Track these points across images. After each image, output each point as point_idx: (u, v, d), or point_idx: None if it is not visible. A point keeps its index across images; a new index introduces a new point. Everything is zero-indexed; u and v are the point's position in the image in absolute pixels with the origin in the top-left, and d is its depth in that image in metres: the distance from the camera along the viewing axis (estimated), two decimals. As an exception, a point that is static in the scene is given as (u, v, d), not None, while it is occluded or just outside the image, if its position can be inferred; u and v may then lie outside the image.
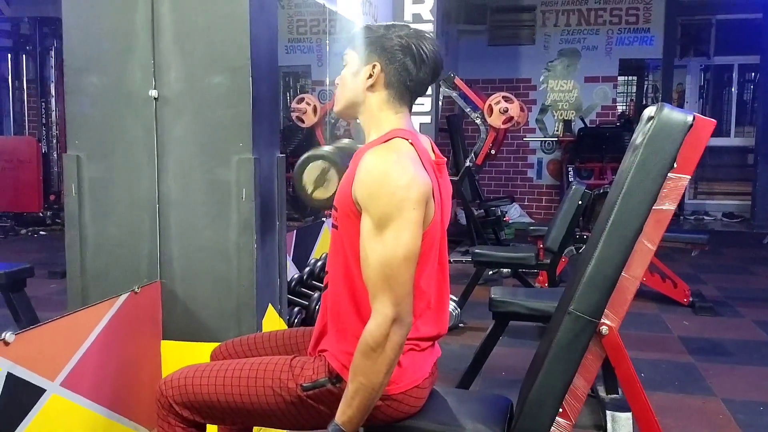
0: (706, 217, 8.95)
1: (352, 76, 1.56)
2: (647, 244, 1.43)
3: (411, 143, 1.46)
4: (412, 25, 1.58)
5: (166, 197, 2.34)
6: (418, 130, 1.62)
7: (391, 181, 1.36)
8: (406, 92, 1.54)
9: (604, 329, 1.46)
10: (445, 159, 1.61)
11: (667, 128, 1.39)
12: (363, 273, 1.41)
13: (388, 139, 1.48)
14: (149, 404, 2.17)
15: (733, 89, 9.36)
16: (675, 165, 1.40)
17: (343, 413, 1.39)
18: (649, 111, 1.47)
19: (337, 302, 1.52)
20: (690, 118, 1.39)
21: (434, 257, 1.50)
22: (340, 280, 1.51)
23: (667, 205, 1.43)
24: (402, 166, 1.39)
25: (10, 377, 1.68)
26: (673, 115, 1.40)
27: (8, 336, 1.66)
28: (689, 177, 1.43)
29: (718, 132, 9.05)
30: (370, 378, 1.36)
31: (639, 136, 1.46)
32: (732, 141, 9.27)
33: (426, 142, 1.59)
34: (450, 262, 5.89)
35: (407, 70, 1.51)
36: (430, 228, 1.44)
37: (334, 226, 1.53)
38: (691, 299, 4.61)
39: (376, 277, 1.36)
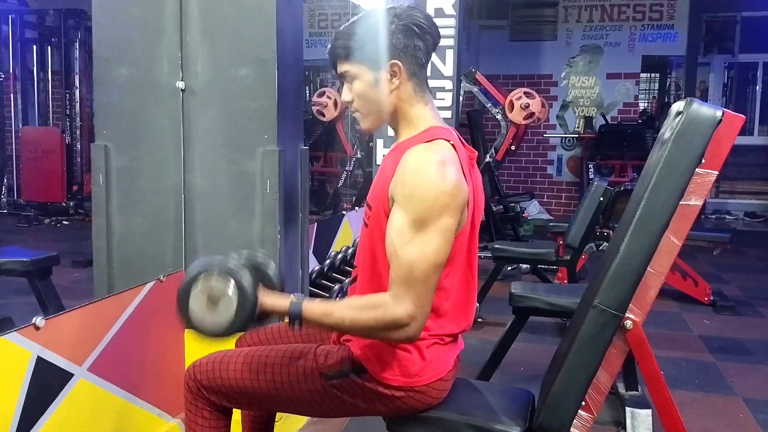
0: (728, 217, 8.86)
1: (371, 87, 1.49)
2: (673, 239, 1.43)
3: (452, 144, 1.46)
4: (388, 6, 1.52)
5: (192, 188, 2.37)
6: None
7: (434, 185, 1.36)
8: (423, 71, 1.52)
9: (628, 323, 1.46)
10: (476, 152, 1.60)
11: (696, 123, 1.39)
12: (389, 259, 1.41)
13: (430, 138, 1.46)
14: (173, 391, 2.21)
15: (757, 87, 9.23)
16: (703, 160, 1.40)
17: (314, 308, 1.43)
18: (678, 106, 1.47)
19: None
20: (719, 113, 1.38)
21: (461, 259, 1.49)
22: (368, 276, 1.52)
23: (693, 201, 1.42)
24: (446, 171, 1.38)
25: (41, 361, 1.72)
26: (702, 110, 1.39)
27: (39, 321, 1.70)
28: (717, 172, 1.42)
29: (741, 130, 8.89)
30: (354, 323, 1.40)
31: (667, 131, 1.45)
32: (756, 140, 9.15)
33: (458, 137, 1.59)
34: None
35: (419, 51, 1.49)
36: (461, 233, 1.44)
37: (365, 224, 1.53)
38: (712, 298, 4.58)
39: (403, 273, 1.36)
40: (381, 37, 1.48)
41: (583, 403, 1.47)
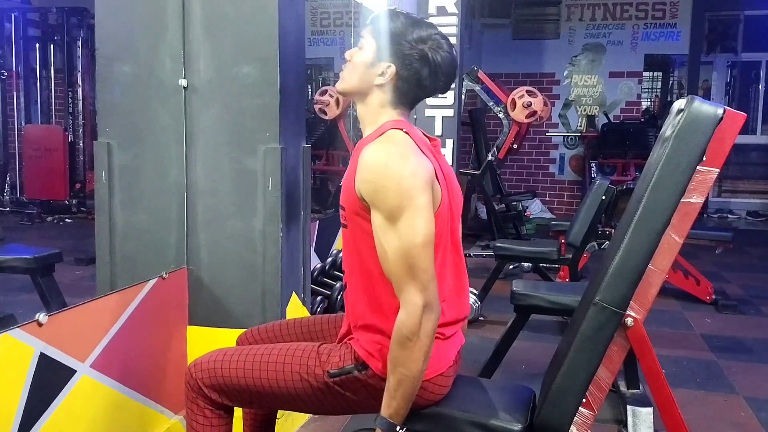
0: (730, 216, 8.85)
1: (365, 65, 1.55)
2: (674, 237, 1.43)
3: (405, 132, 1.48)
4: (435, 25, 1.57)
5: (194, 185, 2.38)
6: (440, 123, 1.63)
7: (394, 172, 1.38)
8: (411, 97, 1.56)
9: (629, 321, 1.46)
10: (438, 139, 1.63)
11: (697, 121, 1.39)
12: (384, 268, 1.42)
13: (382, 132, 1.49)
14: (175, 388, 2.22)
15: (760, 86, 9.21)
16: (704, 158, 1.40)
17: (388, 406, 1.41)
18: (679, 104, 1.47)
19: (357, 301, 1.54)
20: (720, 111, 1.38)
21: (446, 239, 1.51)
22: (358, 278, 1.53)
23: (695, 198, 1.42)
24: (402, 155, 1.41)
25: (43, 357, 1.73)
26: (704, 107, 1.40)
27: (42, 317, 1.71)
28: (718, 170, 1.42)
29: (743, 129, 8.78)
30: (409, 367, 1.38)
31: (668, 129, 1.45)
32: (758, 139, 9.13)
33: (417, 128, 1.60)
34: (470, 256, 5.90)
35: (419, 80, 1.52)
36: (440, 210, 1.46)
37: (343, 225, 1.54)
38: (714, 297, 4.57)
39: (398, 269, 1.38)
40: (401, 42, 1.51)
41: (584, 400, 1.47)
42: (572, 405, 1.45)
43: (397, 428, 1.42)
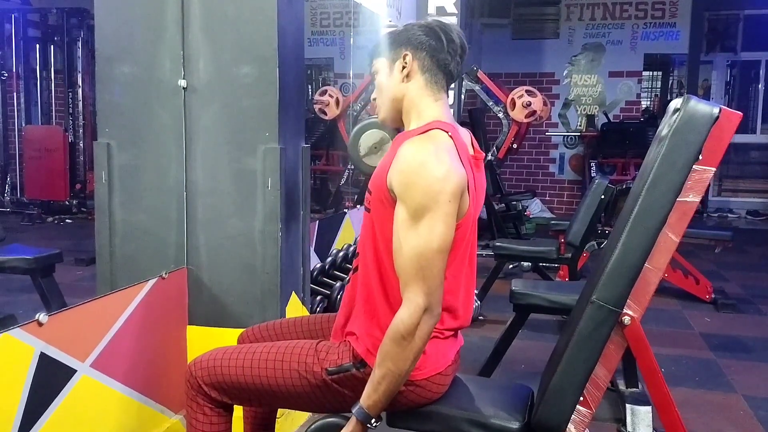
0: (730, 215, 8.85)
1: (386, 77, 1.58)
2: (671, 236, 1.44)
3: (450, 135, 1.47)
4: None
5: (194, 185, 2.39)
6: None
7: (427, 172, 1.38)
8: (440, 73, 1.56)
9: (626, 319, 1.47)
10: (483, 153, 1.62)
11: (693, 120, 1.40)
12: (395, 261, 1.43)
13: (427, 129, 1.48)
14: (175, 387, 2.22)
15: (760, 86, 9.21)
16: (700, 157, 1.41)
17: (368, 397, 1.42)
18: (675, 103, 1.47)
19: (367, 284, 1.54)
20: (716, 110, 1.39)
21: (464, 251, 1.51)
22: (371, 263, 1.53)
23: (691, 197, 1.43)
24: (439, 157, 1.40)
25: (44, 357, 1.73)
26: (699, 107, 1.40)
27: (42, 317, 1.71)
28: (714, 169, 1.43)
29: (743, 129, 8.93)
30: (398, 365, 1.39)
31: (665, 128, 1.46)
32: (758, 138, 9.13)
33: (466, 136, 1.60)
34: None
35: (436, 50, 1.53)
36: (463, 221, 1.46)
37: (366, 209, 1.55)
38: (713, 296, 4.58)
39: (409, 266, 1.38)
40: (403, 34, 1.55)
41: (582, 398, 1.48)
42: (570, 403, 1.46)
43: (373, 421, 1.43)
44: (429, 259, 1.37)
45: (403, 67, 1.54)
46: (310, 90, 8.67)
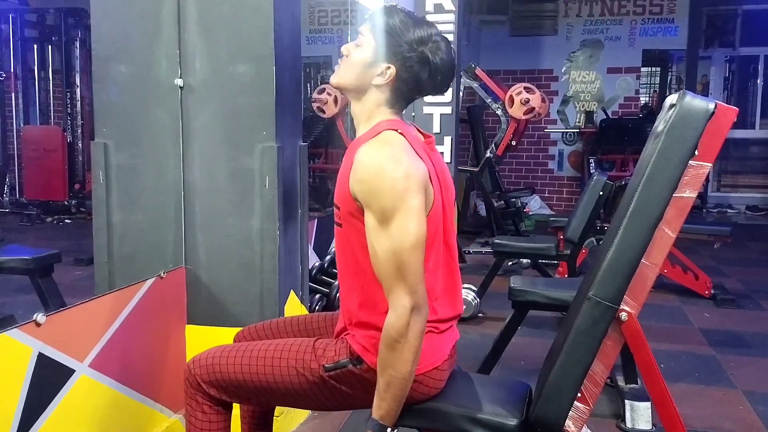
0: (729, 210, 8.85)
1: (363, 64, 1.53)
2: (668, 232, 1.44)
3: (400, 132, 1.48)
4: (434, 24, 1.57)
5: (191, 185, 2.39)
6: (438, 121, 1.63)
7: (388, 174, 1.38)
8: (408, 97, 1.57)
9: (623, 315, 1.47)
10: (433, 136, 1.63)
11: (689, 115, 1.39)
12: (374, 268, 1.43)
13: (377, 132, 1.49)
14: (174, 387, 2.23)
15: (758, 81, 9.21)
16: (696, 152, 1.41)
17: (378, 407, 1.42)
18: (671, 99, 1.47)
19: (351, 300, 1.55)
20: (711, 106, 1.39)
21: (439, 240, 1.51)
22: (352, 277, 1.53)
23: (687, 193, 1.43)
24: (396, 157, 1.41)
25: (42, 357, 1.73)
26: (695, 102, 1.40)
27: (40, 317, 1.71)
28: (710, 165, 1.43)
29: (742, 124, 8.94)
30: (398, 369, 1.39)
31: (660, 124, 1.46)
32: (757, 133, 9.14)
33: (412, 127, 1.60)
34: (469, 252, 5.90)
35: (418, 82, 1.52)
36: (433, 211, 1.46)
37: (337, 224, 1.54)
38: (712, 291, 4.58)
39: (388, 270, 1.39)
40: (402, 45, 1.50)
41: (579, 394, 1.48)
42: (567, 399, 1.46)
43: (388, 430, 1.43)
44: (405, 258, 1.37)
45: (380, 74, 1.52)
46: (308, 88, 8.67)
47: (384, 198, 1.38)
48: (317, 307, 3.38)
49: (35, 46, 8.54)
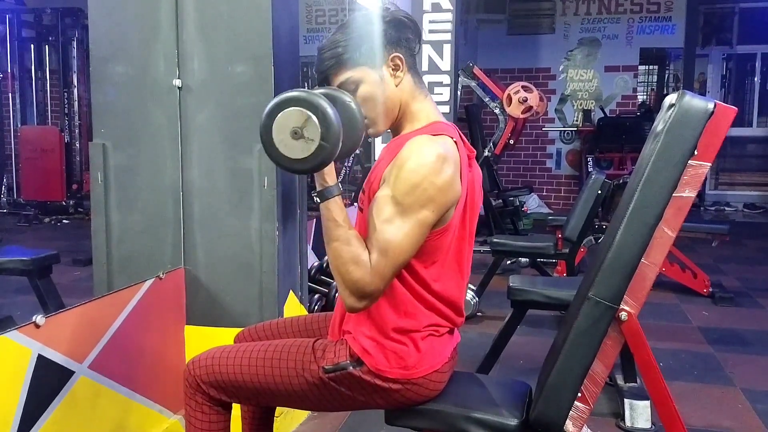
0: (727, 208, 8.86)
1: (378, 87, 1.48)
2: (667, 231, 1.44)
3: (455, 142, 1.47)
4: (367, 5, 1.57)
5: (190, 185, 2.38)
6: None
7: (428, 174, 1.37)
8: (416, 65, 1.55)
9: (623, 315, 1.46)
10: (474, 150, 1.60)
11: (688, 115, 1.39)
12: (368, 230, 1.42)
13: (435, 132, 1.46)
14: (174, 388, 2.22)
15: (756, 79, 9.22)
16: (695, 152, 1.40)
17: (336, 208, 1.41)
18: (670, 98, 1.47)
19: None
20: (711, 106, 1.39)
21: (448, 257, 1.50)
22: None
23: (687, 192, 1.43)
24: (444, 166, 1.39)
25: (41, 359, 1.73)
26: (694, 102, 1.40)
27: (39, 319, 1.71)
28: (710, 164, 1.43)
29: (740, 122, 8.94)
30: (336, 252, 1.39)
31: (660, 123, 1.46)
32: (754, 131, 9.15)
33: (462, 136, 1.58)
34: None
35: (411, 42, 1.52)
36: (445, 230, 1.45)
37: (360, 208, 1.54)
38: (711, 290, 4.59)
39: (379, 247, 1.38)
40: (375, 35, 1.48)
41: (579, 394, 1.48)
42: (567, 399, 1.46)
43: (318, 198, 1.41)
44: (395, 256, 1.38)
45: (396, 71, 1.50)
46: (306, 87, 8.65)
47: (409, 187, 1.37)
48: (316, 307, 3.38)
49: (32, 46, 8.52)
